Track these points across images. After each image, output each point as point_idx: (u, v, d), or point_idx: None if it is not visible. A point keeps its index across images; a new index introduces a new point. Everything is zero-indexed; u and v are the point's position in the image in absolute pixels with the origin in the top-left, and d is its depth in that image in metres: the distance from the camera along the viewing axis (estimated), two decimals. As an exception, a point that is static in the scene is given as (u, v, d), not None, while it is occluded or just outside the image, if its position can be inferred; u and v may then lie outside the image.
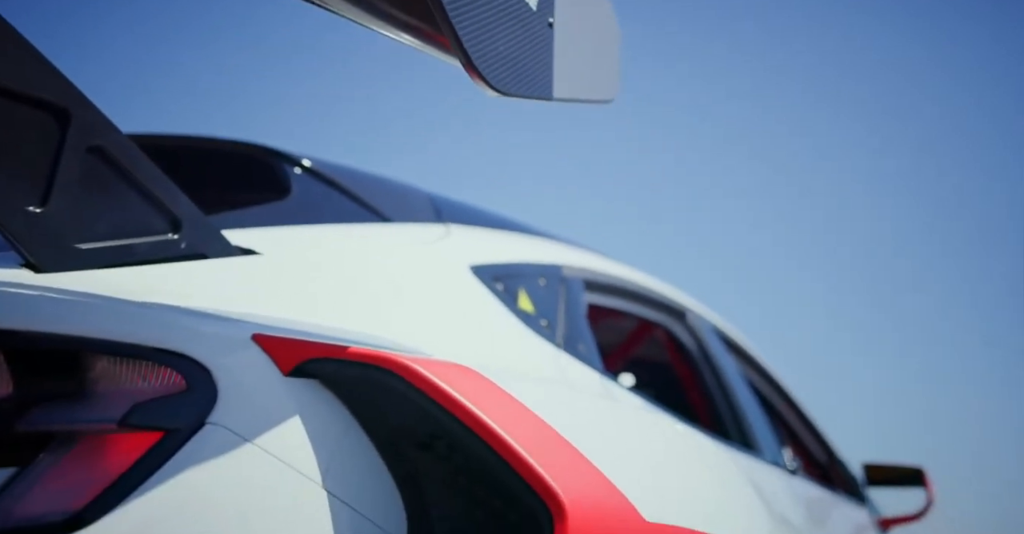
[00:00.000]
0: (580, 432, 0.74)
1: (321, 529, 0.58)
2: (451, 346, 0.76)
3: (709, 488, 0.91)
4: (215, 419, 0.57)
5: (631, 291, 1.52)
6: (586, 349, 1.14)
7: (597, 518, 0.62)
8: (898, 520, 1.92)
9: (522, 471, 0.60)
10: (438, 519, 0.62)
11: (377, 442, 0.64)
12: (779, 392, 2.03)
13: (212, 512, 0.54)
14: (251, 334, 0.61)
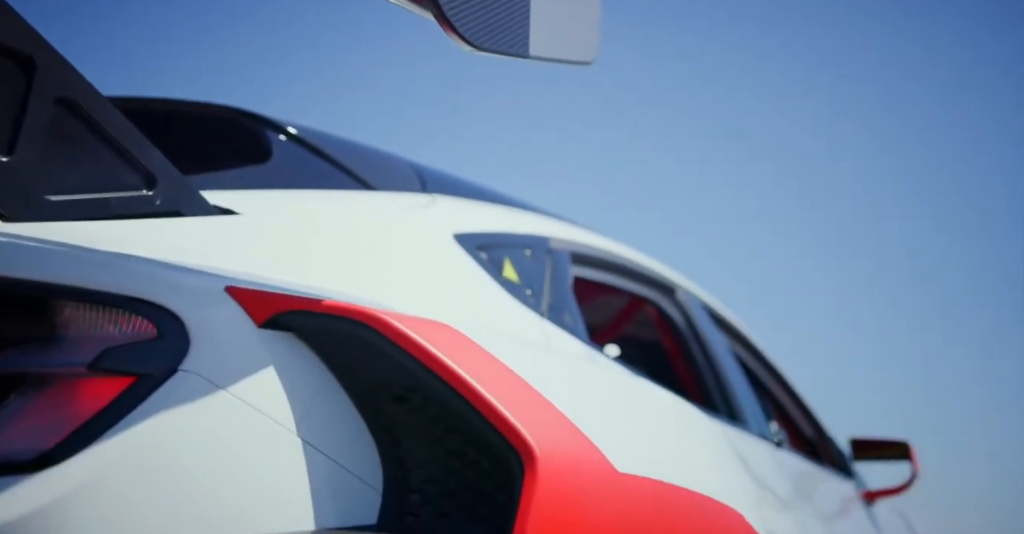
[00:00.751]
0: (556, 388, 0.74)
1: (296, 476, 0.58)
2: (430, 308, 0.76)
3: (686, 448, 0.92)
4: (188, 366, 0.57)
5: (620, 265, 1.52)
6: (571, 320, 1.13)
7: (567, 465, 0.62)
8: (883, 492, 1.93)
9: (494, 420, 0.60)
10: (413, 468, 0.63)
11: (353, 395, 0.64)
12: (769, 369, 2.04)
13: (185, 456, 0.54)
14: (224, 286, 0.61)
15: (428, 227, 0.97)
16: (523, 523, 0.57)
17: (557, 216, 1.43)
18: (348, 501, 0.60)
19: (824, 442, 2.05)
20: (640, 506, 0.70)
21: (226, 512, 0.54)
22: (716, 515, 0.84)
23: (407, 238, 0.91)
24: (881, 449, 1.99)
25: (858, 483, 1.98)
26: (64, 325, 0.57)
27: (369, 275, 0.76)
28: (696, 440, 0.96)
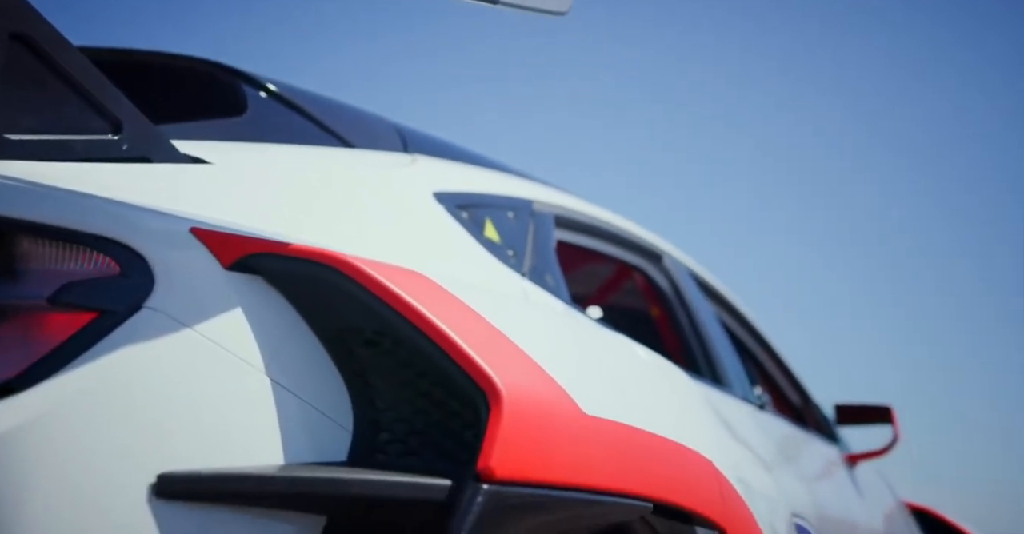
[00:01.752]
0: (526, 333, 0.74)
1: (266, 414, 0.58)
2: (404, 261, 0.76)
3: (659, 400, 0.92)
4: (153, 304, 0.57)
5: (606, 231, 1.51)
6: (553, 282, 1.13)
7: (532, 404, 0.63)
8: (865, 455, 1.95)
9: (460, 361, 0.61)
10: (383, 409, 0.63)
11: (322, 338, 0.64)
12: (755, 336, 2.04)
13: (149, 391, 0.55)
14: (189, 228, 0.61)
15: (406, 184, 0.96)
16: (487, 458, 0.57)
17: (543, 181, 1.42)
18: (319, 439, 0.60)
19: (809, 408, 2.06)
20: (604, 446, 0.70)
21: (191, 446, 0.55)
22: (683, 459, 0.84)
23: (383, 194, 0.90)
24: (864, 414, 2.01)
25: (841, 447, 2.00)
26: (24, 259, 0.56)
27: (342, 228, 0.76)
28: (671, 394, 0.97)
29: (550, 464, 0.62)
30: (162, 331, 0.56)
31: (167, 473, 0.52)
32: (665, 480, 0.78)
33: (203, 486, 0.53)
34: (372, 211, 0.84)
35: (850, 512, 1.70)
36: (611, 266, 1.84)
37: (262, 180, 0.76)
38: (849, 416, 2.03)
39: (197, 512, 0.52)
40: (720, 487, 0.89)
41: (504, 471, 0.57)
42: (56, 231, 0.57)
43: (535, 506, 0.61)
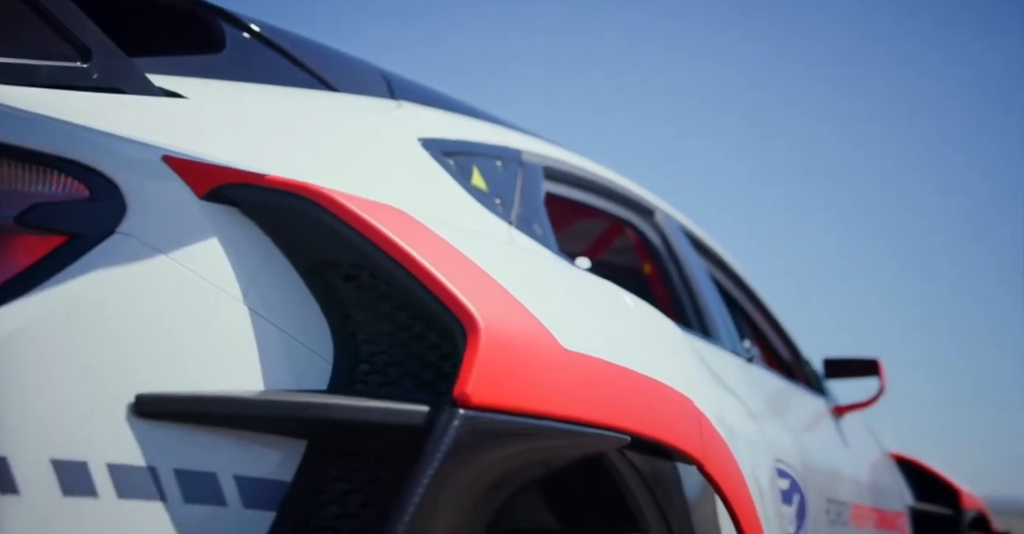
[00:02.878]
0: (507, 271, 0.73)
1: (244, 343, 0.58)
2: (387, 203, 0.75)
3: (642, 341, 0.92)
4: (125, 229, 0.57)
5: (598, 184, 1.49)
6: (541, 232, 1.12)
7: (509, 336, 0.63)
8: (852, 407, 1.96)
9: (438, 292, 0.60)
10: (363, 341, 0.63)
11: (301, 270, 0.63)
12: (748, 293, 2.04)
13: (125, 315, 0.54)
14: (161, 156, 0.60)
15: (391, 129, 0.94)
16: (463, 384, 0.57)
17: (533, 133, 1.40)
18: (299, 369, 0.60)
19: (799, 363, 2.07)
20: (582, 378, 0.70)
21: (168, 371, 0.55)
22: (662, 396, 0.85)
23: (366, 137, 0.88)
24: (852, 367, 2.02)
25: (829, 400, 2.02)
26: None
27: (320, 168, 0.75)
28: (655, 337, 0.96)
29: (526, 393, 0.62)
30: (135, 257, 0.55)
31: (145, 393, 0.52)
32: (643, 415, 0.78)
33: (181, 407, 0.53)
34: (353, 153, 0.83)
35: (835, 460, 1.72)
36: (602, 222, 1.83)
37: (239, 117, 0.75)
38: (838, 370, 2.04)
39: (176, 432, 0.52)
40: (700, 425, 0.90)
41: (480, 397, 0.57)
42: (23, 152, 0.56)
43: (511, 433, 0.61)
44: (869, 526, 1.78)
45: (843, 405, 1.98)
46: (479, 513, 0.59)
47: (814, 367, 2.10)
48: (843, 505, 1.67)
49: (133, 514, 0.48)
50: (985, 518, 2.20)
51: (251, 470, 0.54)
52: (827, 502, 1.59)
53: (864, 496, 1.80)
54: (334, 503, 0.56)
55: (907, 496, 2.08)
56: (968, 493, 2.13)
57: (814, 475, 1.55)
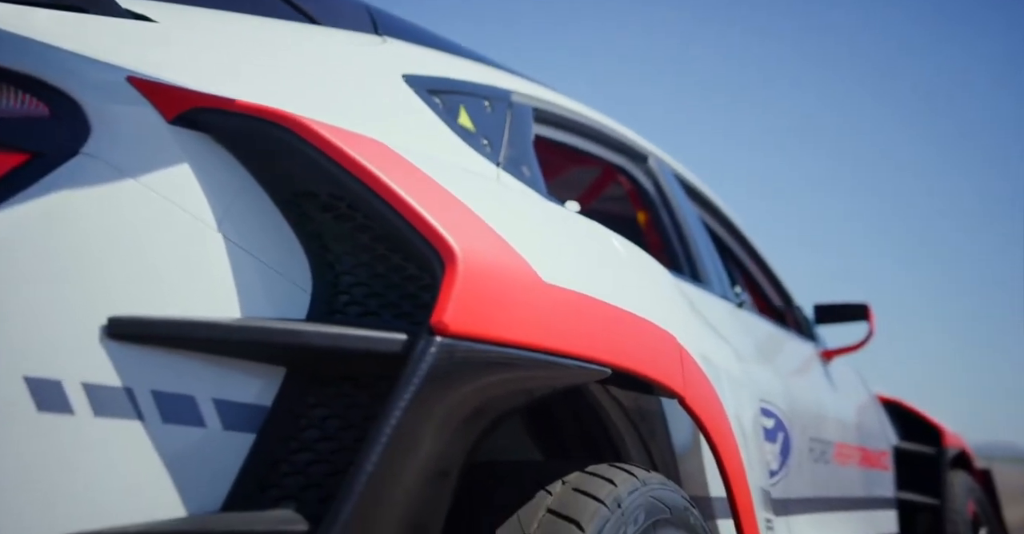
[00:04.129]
0: (487, 205, 0.72)
1: (220, 271, 0.58)
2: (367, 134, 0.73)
3: (627, 279, 0.91)
4: (90, 151, 0.55)
5: (590, 129, 1.47)
6: (530, 174, 1.10)
7: (488, 266, 0.62)
8: (840, 351, 1.98)
9: (416, 222, 0.60)
10: (342, 273, 0.63)
11: (277, 201, 0.62)
12: (741, 241, 2.03)
13: (92, 237, 0.53)
14: (126, 77, 0.58)
15: (373, 63, 0.91)
16: (440, 312, 0.57)
17: (523, 75, 1.36)
18: (277, 299, 0.60)
19: (791, 309, 2.08)
20: (562, 311, 0.70)
21: (140, 295, 0.53)
22: (644, 331, 0.85)
23: (347, 71, 0.85)
24: (842, 312, 2.03)
25: (819, 344, 2.04)
26: None
27: (299, 99, 0.73)
28: (640, 276, 0.96)
29: (505, 323, 0.62)
30: (103, 178, 0.54)
31: (117, 316, 0.52)
32: (624, 348, 0.79)
33: (156, 330, 0.52)
34: (333, 87, 0.80)
35: (820, 401, 1.75)
36: (595, 168, 1.80)
37: (212, 44, 0.72)
38: (828, 315, 2.05)
39: (152, 356, 0.52)
40: (681, 361, 0.91)
41: (457, 326, 0.57)
42: None
43: (490, 362, 0.61)
44: (852, 463, 1.83)
45: (831, 349, 2.00)
46: (460, 441, 0.59)
47: (805, 313, 2.11)
48: (827, 444, 1.70)
49: (112, 432, 0.49)
50: (966, 455, 2.25)
51: (230, 394, 0.55)
52: (811, 441, 1.63)
53: (848, 435, 1.83)
54: (314, 427, 0.57)
55: (891, 436, 2.12)
56: (950, 432, 2.17)
57: (799, 415, 1.57)
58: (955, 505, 1.96)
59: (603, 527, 0.68)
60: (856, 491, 1.82)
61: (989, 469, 2.32)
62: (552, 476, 0.73)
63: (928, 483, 2.00)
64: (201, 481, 0.51)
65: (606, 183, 1.88)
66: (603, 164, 1.65)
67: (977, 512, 2.10)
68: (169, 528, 0.48)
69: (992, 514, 2.22)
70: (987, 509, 2.19)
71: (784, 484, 1.47)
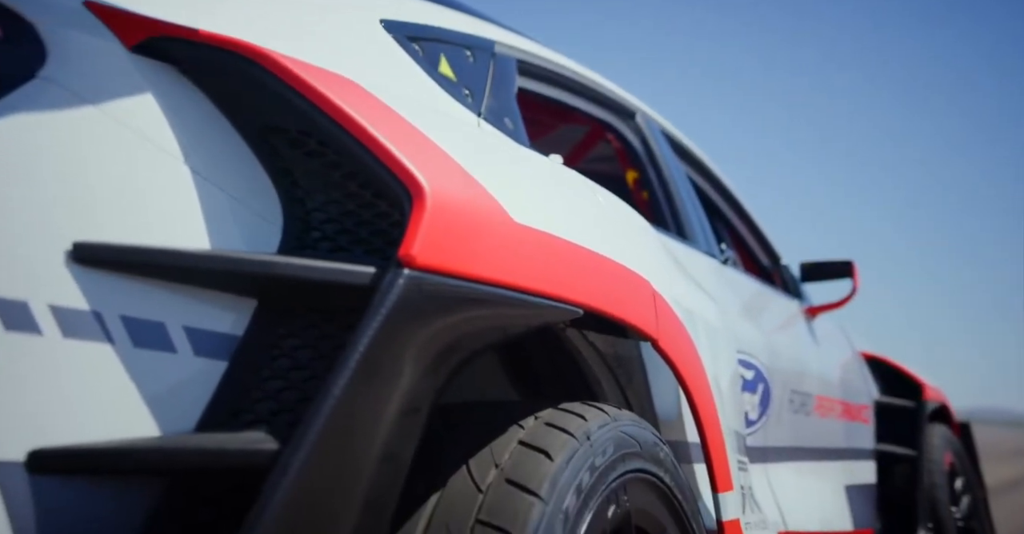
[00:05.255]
0: (461, 147, 0.72)
1: (188, 204, 0.58)
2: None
3: (605, 227, 0.91)
4: (47, 75, 0.54)
5: (576, 83, 1.45)
6: (513, 126, 1.09)
7: (456, 203, 0.62)
8: (824, 307, 2.00)
9: (384, 158, 0.60)
10: (313, 210, 0.63)
11: (245, 135, 0.62)
12: (729, 200, 2.03)
13: (49, 162, 0.52)
14: (83, 1, 0.57)
15: (349, 5, 0.90)
16: (408, 245, 0.57)
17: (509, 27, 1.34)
18: (247, 234, 0.60)
19: (778, 269, 2.09)
20: (533, 250, 0.70)
21: (105, 222, 0.53)
22: (617, 274, 0.86)
23: (321, 12, 0.84)
24: (827, 270, 2.04)
25: (804, 302, 2.05)
26: None
27: (270, 37, 0.72)
28: (617, 224, 0.96)
29: (473, 260, 0.62)
30: (61, 104, 0.53)
31: (83, 241, 0.52)
32: (596, 290, 0.79)
33: (123, 257, 0.52)
34: (305, 27, 0.79)
35: (802, 356, 1.78)
36: (581, 126, 1.79)
37: None
38: (814, 272, 2.06)
39: (120, 282, 0.52)
40: (655, 305, 0.92)
41: (425, 259, 0.58)
42: None
43: (459, 298, 0.61)
44: (833, 416, 1.86)
45: (816, 306, 2.01)
46: (430, 378, 0.60)
47: (792, 272, 2.12)
48: (808, 396, 1.74)
49: (82, 353, 0.49)
50: (946, 409, 2.29)
51: (201, 323, 0.56)
52: (792, 393, 1.65)
53: (830, 389, 1.86)
54: (285, 356, 0.58)
55: (873, 390, 2.16)
56: (931, 386, 2.20)
57: (780, 368, 1.60)
58: (932, 456, 2.00)
59: (571, 457, 0.70)
60: (836, 442, 1.86)
61: (968, 423, 2.36)
62: (526, 413, 0.75)
63: (908, 436, 2.04)
64: (173, 405, 0.53)
65: (593, 142, 1.87)
66: (590, 121, 1.63)
67: (954, 463, 2.15)
68: (142, 446, 0.50)
69: (970, 466, 2.28)
70: (964, 461, 2.24)
71: (764, 433, 1.51)
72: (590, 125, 1.77)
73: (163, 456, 0.50)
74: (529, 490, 0.65)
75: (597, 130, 1.78)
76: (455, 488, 0.66)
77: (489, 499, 0.64)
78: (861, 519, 1.83)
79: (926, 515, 1.90)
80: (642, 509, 0.78)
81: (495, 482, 0.66)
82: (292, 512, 0.48)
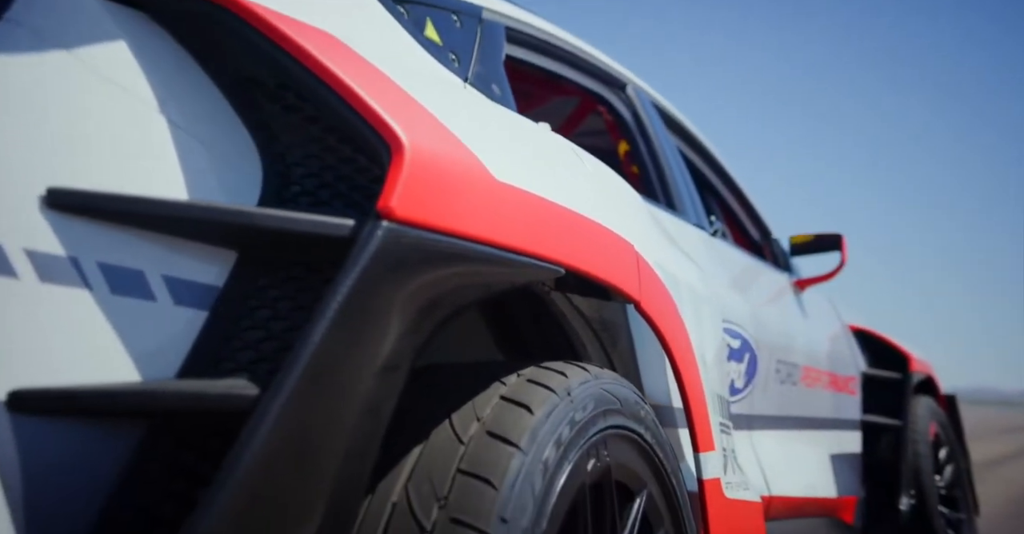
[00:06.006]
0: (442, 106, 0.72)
1: (163, 154, 0.57)
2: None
3: (589, 191, 0.91)
4: (14, 17, 0.54)
5: (566, 52, 1.44)
6: (500, 93, 1.09)
7: (436, 158, 0.62)
8: (813, 280, 2.01)
9: (363, 111, 0.59)
10: (292, 164, 0.63)
11: (222, 87, 0.62)
12: (720, 174, 2.03)
13: (24, 104, 0.51)
14: None
15: None
16: (387, 198, 0.57)
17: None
18: (226, 188, 0.60)
19: (768, 243, 2.10)
20: (515, 209, 0.70)
21: (79, 168, 0.53)
22: (600, 236, 0.86)
23: None
24: (817, 242, 2.05)
25: (793, 275, 2.07)
26: None
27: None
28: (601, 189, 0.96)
29: (453, 215, 0.62)
30: (30, 47, 0.52)
31: (57, 187, 0.51)
32: (578, 250, 0.80)
33: (100, 204, 0.52)
34: None
35: (790, 327, 1.79)
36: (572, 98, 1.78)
37: None
38: (804, 246, 2.07)
39: (97, 229, 0.52)
40: (638, 267, 0.92)
41: (404, 211, 0.58)
42: None
43: (439, 253, 0.61)
44: (820, 387, 1.88)
45: (804, 279, 2.03)
46: (410, 336, 0.59)
47: (783, 246, 2.13)
48: (794, 367, 1.75)
49: (59, 297, 0.50)
50: (932, 380, 2.32)
51: (180, 273, 0.56)
52: (778, 363, 1.67)
53: (817, 360, 1.88)
54: (265, 307, 0.58)
55: (860, 362, 2.18)
56: (918, 358, 2.23)
57: (767, 338, 1.61)
58: (917, 426, 2.03)
59: (552, 411, 0.71)
60: (822, 412, 1.88)
61: (954, 395, 2.39)
62: (509, 372, 0.76)
63: (894, 406, 2.07)
64: (154, 352, 0.53)
65: (584, 114, 1.86)
66: (580, 93, 1.63)
67: (939, 433, 2.18)
68: (123, 388, 0.51)
69: (954, 436, 2.31)
70: (949, 432, 2.28)
71: (750, 401, 1.53)
72: (580, 97, 1.76)
73: (144, 398, 0.51)
74: (509, 441, 0.66)
75: (588, 102, 1.77)
76: (437, 440, 0.67)
77: (470, 450, 0.65)
78: (845, 486, 1.86)
79: (909, 483, 1.94)
80: (622, 464, 0.80)
81: (476, 434, 0.67)
82: (272, 455, 0.49)
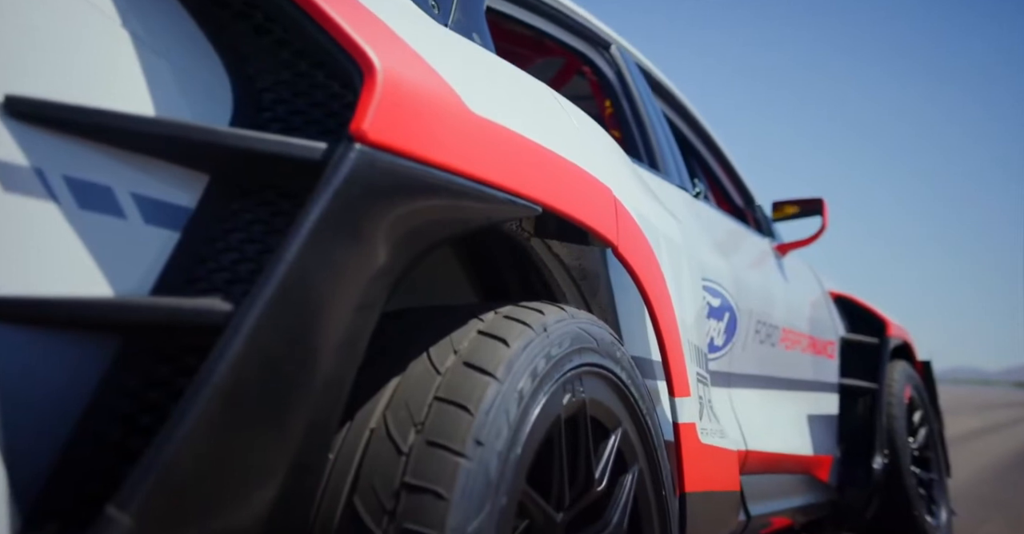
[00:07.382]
0: (418, 36, 0.71)
1: (130, 69, 0.56)
2: None
3: (570, 134, 0.90)
4: None
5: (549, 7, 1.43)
6: (481, 41, 1.08)
7: (409, 84, 0.61)
8: (794, 245, 2.04)
9: (335, 34, 0.59)
10: (263, 89, 0.63)
11: (188, 8, 0.61)
12: (703, 138, 2.03)
13: None
14: None
15: None
16: (359, 121, 0.56)
17: None
18: (194, 110, 0.59)
19: (751, 209, 2.12)
20: (491, 142, 0.70)
21: (35, 77, 0.51)
22: (578, 178, 0.86)
23: None
24: (799, 207, 2.07)
25: (775, 240, 2.09)
26: None
27: None
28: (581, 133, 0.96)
29: (426, 143, 0.62)
30: None
31: (15, 95, 0.50)
32: (555, 189, 0.80)
33: (61, 114, 0.51)
34: None
35: (770, 290, 1.81)
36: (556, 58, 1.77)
37: None
38: (786, 211, 2.09)
39: (61, 141, 0.51)
40: (616, 211, 0.93)
41: (376, 135, 0.57)
42: None
43: (414, 181, 0.61)
44: (798, 349, 1.92)
45: (786, 243, 2.05)
46: (383, 274, 0.58)
47: (766, 212, 2.15)
48: (774, 328, 1.78)
49: (25, 208, 0.49)
50: (908, 346, 2.36)
51: (150, 192, 0.55)
52: (758, 323, 1.70)
53: (796, 323, 1.91)
54: (239, 230, 0.58)
55: (840, 327, 2.22)
56: (895, 324, 2.27)
57: (746, 299, 1.63)
58: (892, 389, 2.08)
59: (528, 344, 0.71)
60: (800, 374, 1.91)
61: (929, 361, 2.45)
62: (486, 311, 0.77)
63: (870, 370, 2.11)
64: (125, 270, 0.53)
65: (569, 74, 1.85)
66: (565, 52, 1.62)
67: (913, 397, 2.24)
68: (96, 301, 0.51)
69: (928, 400, 2.37)
70: (924, 396, 2.33)
71: (728, 359, 1.55)
72: (565, 57, 1.75)
73: (118, 311, 0.51)
74: (486, 371, 0.67)
75: (572, 62, 1.76)
76: (415, 372, 0.68)
77: (447, 380, 0.66)
78: (821, 446, 1.91)
79: (883, 444, 1.99)
80: (597, 401, 0.81)
81: (453, 365, 0.68)
82: (244, 372, 0.49)
